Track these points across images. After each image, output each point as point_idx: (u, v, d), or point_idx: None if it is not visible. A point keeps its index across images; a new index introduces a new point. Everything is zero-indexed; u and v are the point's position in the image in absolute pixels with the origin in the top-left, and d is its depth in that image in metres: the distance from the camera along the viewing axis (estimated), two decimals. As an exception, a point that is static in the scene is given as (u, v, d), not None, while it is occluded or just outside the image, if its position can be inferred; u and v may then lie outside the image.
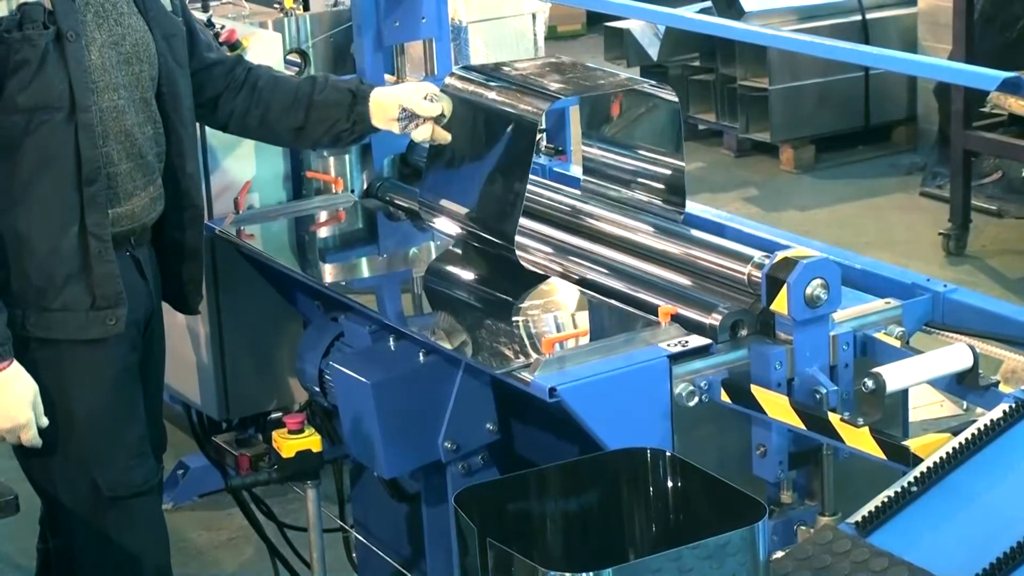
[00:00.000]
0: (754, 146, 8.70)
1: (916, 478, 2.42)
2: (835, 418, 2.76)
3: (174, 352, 3.74)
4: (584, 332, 3.11)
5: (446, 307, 3.42)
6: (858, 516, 2.38)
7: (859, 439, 2.71)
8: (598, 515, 2.46)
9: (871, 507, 2.39)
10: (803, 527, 2.93)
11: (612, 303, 3.23)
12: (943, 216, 7.29)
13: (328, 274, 3.71)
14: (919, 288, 3.17)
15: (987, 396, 2.82)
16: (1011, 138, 7.19)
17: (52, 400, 3.22)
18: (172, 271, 3.51)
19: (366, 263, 3.82)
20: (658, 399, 2.88)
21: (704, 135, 8.95)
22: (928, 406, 3.51)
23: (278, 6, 4.26)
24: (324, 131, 3.63)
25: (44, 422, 3.18)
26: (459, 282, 3.49)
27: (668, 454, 2.47)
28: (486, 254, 3.46)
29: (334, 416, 3.71)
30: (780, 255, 2.95)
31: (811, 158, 8.54)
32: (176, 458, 5.01)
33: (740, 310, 3.00)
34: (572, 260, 3.42)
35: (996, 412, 2.54)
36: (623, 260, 3.36)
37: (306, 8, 4.34)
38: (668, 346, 2.92)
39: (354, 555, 4.07)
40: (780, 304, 2.89)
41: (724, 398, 2.91)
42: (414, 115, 3.56)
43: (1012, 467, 2.46)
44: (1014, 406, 2.54)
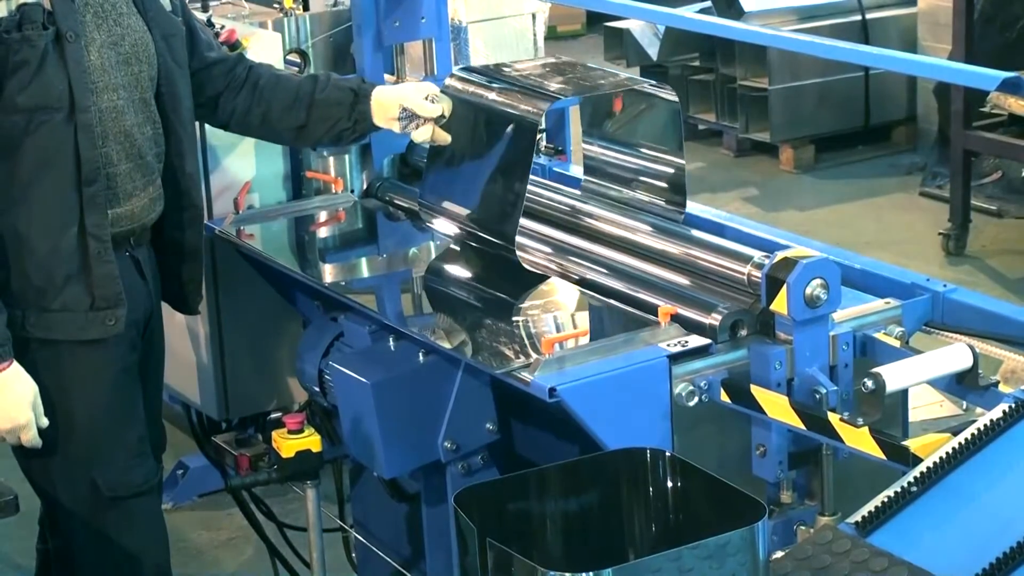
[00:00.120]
0: (754, 146, 8.70)
1: (916, 478, 2.42)
2: (835, 418, 2.76)
3: (174, 352, 3.74)
4: (584, 332, 3.11)
5: (446, 307, 3.42)
6: (858, 516, 2.38)
7: (859, 439, 2.71)
8: (598, 515, 2.46)
9: (871, 507, 2.38)
10: (803, 527, 2.93)
11: (612, 303, 3.23)
12: (943, 216, 7.29)
13: (328, 274, 3.71)
14: (919, 288, 3.17)
15: (987, 396, 2.82)
16: (1011, 138, 7.18)
17: (52, 400, 3.21)
18: (172, 271, 3.51)
19: (366, 263, 3.82)
20: (658, 399, 2.88)
21: (704, 135, 8.95)
22: (928, 406, 3.51)
23: (278, 6, 4.26)
24: (325, 130, 3.63)
25: (44, 422, 3.18)
26: (459, 282, 3.49)
27: (668, 454, 2.47)
28: (486, 254, 3.46)
29: (334, 416, 3.70)
30: (780, 255, 2.95)
31: (811, 158, 8.54)
32: (176, 458, 5.01)
33: (740, 310, 3.00)
34: (572, 260, 3.42)
35: (996, 412, 2.54)
36: (623, 260, 3.36)
37: (306, 8, 4.34)
38: (668, 346, 2.92)
39: (354, 555, 4.07)
40: (780, 304, 2.89)
41: (724, 398, 2.91)
42: (415, 115, 3.56)
43: (1012, 467, 2.46)
44: (1014, 406, 2.54)
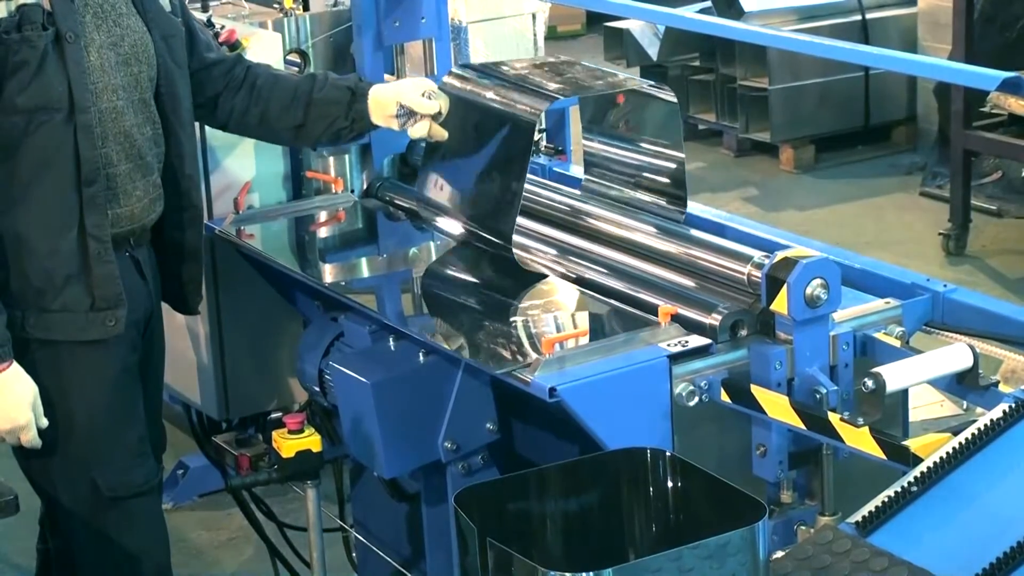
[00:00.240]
0: (754, 146, 8.70)
1: (916, 478, 2.42)
2: (835, 418, 2.76)
3: (174, 352, 3.74)
4: (584, 332, 3.11)
5: (446, 307, 3.42)
6: (858, 516, 2.38)
7: (859, 439, 2.70)
8: (598, 515, 2.46)
9: (871, 507, 2.38)
10: (803, 527, 2.93)
11: (612, 303, 3.23)
12: (943, 216, 7.29)
13: (328, 274, 3.71)
14: (919, 288, 3.17)
15: (987, 396, 2.82)
16: (1011, 138, 7.18)
17: (52, 401, 3.21)
18: (172, 272, 3.51)
19: (366, 263, 3.82)
20: (658, 399, 2.88)
21: (704, 135, 8.94)
22: (928, 406, 3.51)
23: (278, 6, 4.25)
24: (323, 129, 3.63)
25: (44, 423, 3.18)
26: (459, 282, 3.48)
27: (668, 454, 2.47)
28: (486, 254, 3.46)
29: (334, 416, 3.70)
30: (780, 255, 2.95)
31: (811, 158, 8.54)
32: (176, 458, 5.01)
33: (740, 310, 3.00)
34: (572, 260, 3.42)
35: (996, 412, 2.54)
36: (623, 260, 3.36)
37: (306, 8, 4.33)
38: (668, 346, 2.91)
39: (354, 555, 4.07)
40: (780, 304, 2.89)
41: (724, 398, 2.91)
42: (412, 112, 3.56)
43: (1012, 467, 2.46)
44: (1014, 406, 2.54)
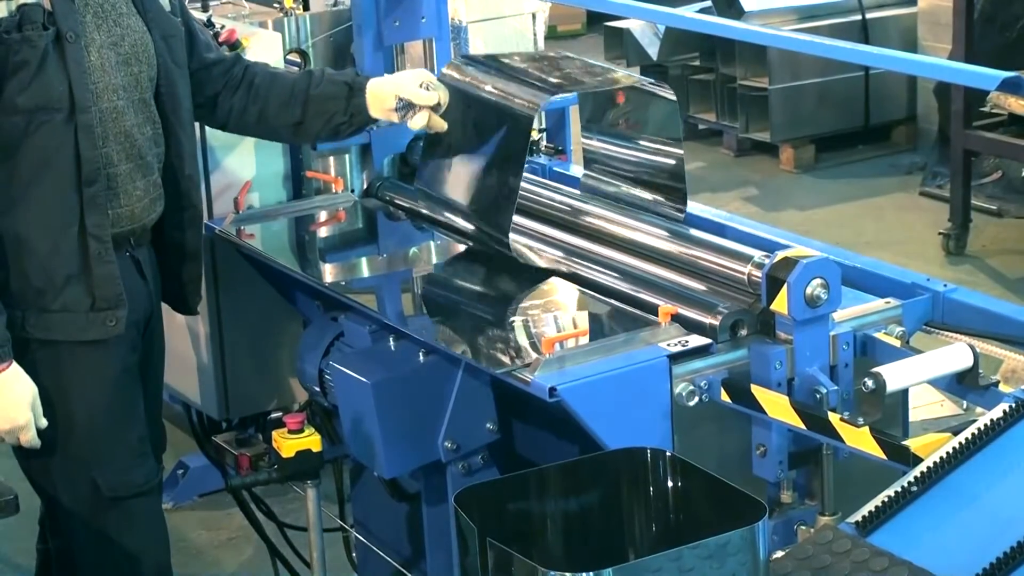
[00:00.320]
0: (754, 146, 8.70)
1: (916, 478, 2.42)
2: (835, 418, 2.76)
3: (174, 352, 3.74)
4: (584, 332, 3.11)
5: (446, 307, 3.42)
6: (858, 516, 2.38)
7: (859, 439, 2.71)
8: (598, 515, 2.46)
9: (871, 507, 2.38)
10: (803, 527, 2.93)
11: (612, 303, 3.23)
12: (943, 216, 7.29)
13: (328, 274, 3.71)
14: (919, 288, 3.17)
15: (987, 396, 2.82)
16: (1011, 138, 7.18)
17: (52, 401, 3.21)
18: (172, 272, 3.51)
19: (366, 263, 3.82)
20: (658, 399, 2.88)
21: (704, 135, 8.94)
22: (928, 406, 3.51)
23: (278, 6, 4.25)
24: (322, 125, 3.62)
25: (43, 423, 3.18)
26: (459, 282, 3.48)
27: (668, 454, 2.47)
28: (486, 254, 3.46)
29: (334, 416, 3.70)
30: (780, 255, 2.95)
31: (811, 158, 8.54)
32: (176, 458, 5.01)
33: (740, 310, 3.00)
34: (572, 260, 3.42)
35: (996, 412, 2.54)
36: (623, 260, 3.36)
37: (306, 8, 4.33)
38: (668, 346, 2.91)
39: (354, 555, 4.07)
40: (780, 304, 2.89)
41: (724, 398, 2.91)
42: (411, 104, 3.55)
43: (1012, 467, 2.46)
44: (1014, 406, 2.54)
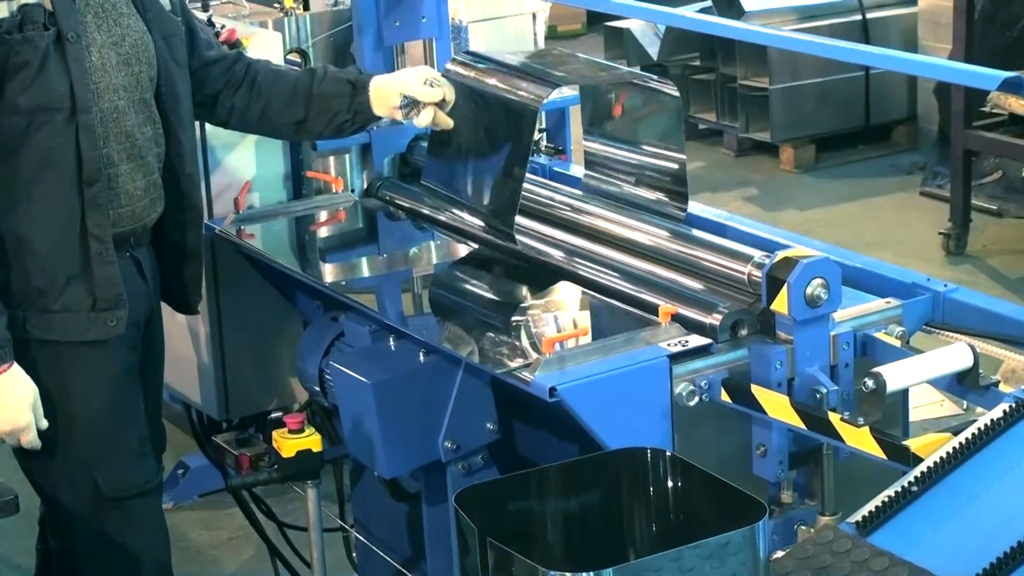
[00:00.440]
0: (754, 146, 8.70)
1: (916, 478, 2.42)
2: (835, 418, 2.76)
3: (174, 352, 3.74)
4: (584, 332, 3.11)
5: (446, 307, 3.42)
6: (858, 516, 2.38)
7: (859, 439, 2.71)
8: (598, 515, 2.46)
9: (871, 507, 2.38)
10: (803, 527, 2.93)
11: (612, 303, 3.23)
12: (943, 216, 7.29)
13: (328, 274, 3.71)
14: (919, 288, 3.17)
15: (987, 396, 2.82)
16: (1011, 138, 7.18)
17: (52, 401, 3.21)
18: (172, 272, 3.51)
19: (366, 263, 3.82)
20: (658, 399, 2.88)
21: (704, 135, 8.94)
22: (928, 406, 3.51)
23: (278, 6, 4.26)
24: (325, 123, 3.61)
25: (44, 424, 3.18)
26: (459, 282, 3.48)
27: (668, 454, 2.47)
28: (487, 253, 3.46)
29: (334, 416, 3.70)
30: (780, 255, 2.95)
31: (811, 158, 8.54)
32: (176, 458, 5.01)
33: (740, 310, 3.00)
34: (572, 260, 3.42)
35: (996, 412, 2.54)
36: (624, 259, 3.36)
37: (306, 8, 4.34)
38: (668, 346, 2.91)
39: (354, 555, 4.07)
40: (780, 304, 2.89)
41: (724, 398, 2.91)
42: (415, 101, 3.53)
43: (1012, 467, 2.46)
44: (1014, 406, 2.54)
